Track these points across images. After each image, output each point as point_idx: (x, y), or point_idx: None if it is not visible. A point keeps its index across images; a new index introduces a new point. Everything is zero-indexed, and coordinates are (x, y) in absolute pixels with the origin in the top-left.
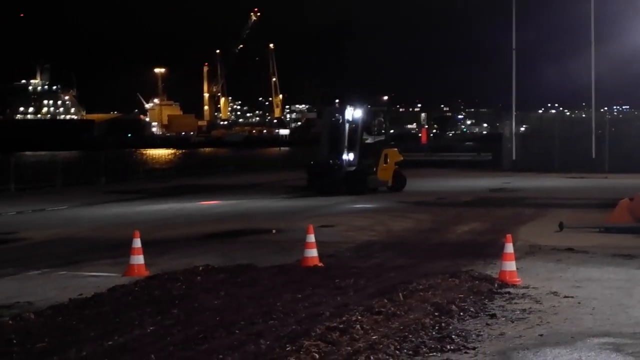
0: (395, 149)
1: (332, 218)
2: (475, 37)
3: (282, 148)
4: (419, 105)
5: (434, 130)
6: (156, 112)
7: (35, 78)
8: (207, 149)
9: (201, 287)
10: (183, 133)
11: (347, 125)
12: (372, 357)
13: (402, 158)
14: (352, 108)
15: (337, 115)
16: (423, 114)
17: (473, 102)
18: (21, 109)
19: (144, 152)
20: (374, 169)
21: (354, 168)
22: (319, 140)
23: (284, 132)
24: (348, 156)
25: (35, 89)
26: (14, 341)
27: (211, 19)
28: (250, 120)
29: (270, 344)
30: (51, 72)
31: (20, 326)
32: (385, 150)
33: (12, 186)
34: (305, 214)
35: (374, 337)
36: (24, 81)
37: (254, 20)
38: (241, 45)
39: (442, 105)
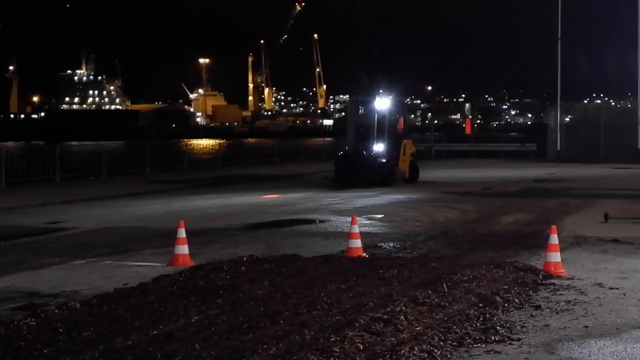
0: (411, 140)
1: (376, 209)
2: (521, 26)
3: (326, 138)
4: (463, 95)
5: (478, 121)
6: (200, 102)
7: (80, 68)
8: (252, 140)
9: (246, 277)
10: (227, 123)
11: (376, 116)
12: (416, 348)
13: (415, 149)
14: (380, 98)
15: (363, 104)
16: (467, 105)
17: (518, 92)
18: (67, 99)
19: (189, 142)
20: (397, 160)
21: (385, 159)
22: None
23: (328, 122)
24: (378, 147)
25: (80, 79)
26: (60, 330)
27: (256, 8)
28: (294, 110)
29: (314, 334)
30: (96, 62)
31: (66, 315)
32: (404, 142)
33: (58, 176)
34: (349, 205)
35: (418, 328)
36: (69, 71)
37: (299, 10)
38: (285, 36)
39: (487, 96)
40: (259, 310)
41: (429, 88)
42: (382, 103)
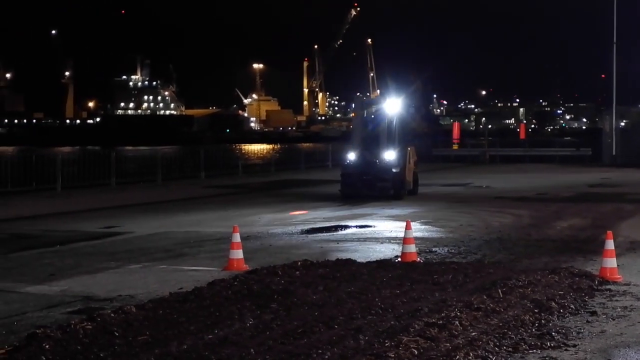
0: (413, 147)
1: (429, 214)
2: (576, 30)
3: None
4: (518, 100)
5: (533, 126)
6: (254, 107)
7: (135, 74)
8: (306, 144)
9: (300, 282)
10: (281, 128)
11: (386, 119)
12: (471, 354)
13: (417, 158)
14: (390, 101)
15: (369, 107)
16: (521, 109)
17: (572, 96)
18: (122, 104)
19: (243, 147)
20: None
21: (397, 169)
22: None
23: None
24: (389, 155)
25: (135, 84)
26: (116, 334)
27: (311, 13)
28: (348, 115)
29: (369, 340)
30: (151, 67)
31: (121, 319)
32: (409, 148)
33: (113, 181)
34: (399, 209)
35: (473, 334)
36: (124, 77)
37: (354, 15)
38: (340, 41)
39: (541, 100)
40: (313, 315)
41: (483, 92)
42: (392, 106)
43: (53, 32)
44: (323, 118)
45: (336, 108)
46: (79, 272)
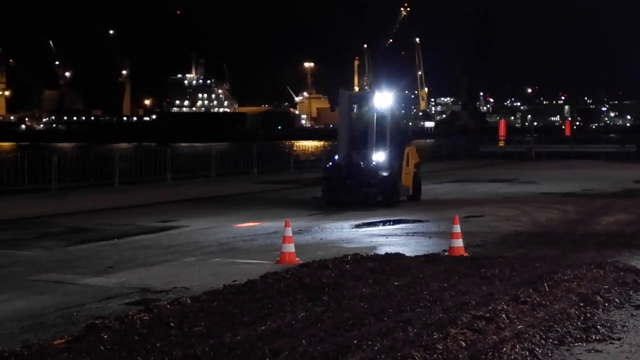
0: (414, 147)
1: (477, 208)
2: (619, 28)
3: (428, 140)
4: (563, 97)
5: (578, 123)
6: (305, 105)
7: (190, 72)
8: None
9: (350, 275)
10: (331, 125)
11: (375, 116)
12: (518, 346)
13: (419, 159)
14: (379, 94)
15: (357, 101)
16: (567, 107)
17: (616, 94)
18: (177, 102)
19: (294, 143)
20: (400, 173)
21: (387, 173)
22: (356, 135)
23: (430, 124)
24: (377, 156)
25: (190, 82)
26: (172, 325)
27: (362, 13)
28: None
29: (418, 332)
30: (205, 66)
31: (177, 310)
32: (407, 148)
33: (169, 176)
34: (452, 204)
35: (520, 327)
36: (179, 75)
37: (404, 15)
38: (391, 40)
39: (586, 98)
40: (363, 308)
41: (529, 90)
42: (383, 100)
43: (110, 32)
44: None
45: None
46: (136, 265)
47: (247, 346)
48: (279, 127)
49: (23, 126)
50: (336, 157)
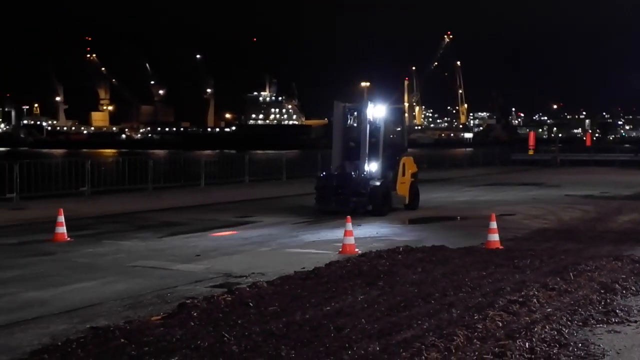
0: (411, 157)
1: (510, 208)
2: (634, 48)
3: (467, 149)
4: (584, 113)
5: (597, 135)
6: None
7: (264, 90)
8: None
9: (402, 264)
10: None
11: (368, 127)
12: (547, 327)
13: (416, 169)
14: (372, 105)
15: (352, 113)
16: (587, 121)
17: (631, 109)
18: (253, 115)
19: None
20: (394, 183)
21: (378, 182)
22: (353, 144)
23: (468, 135)
24: (370, 166)
25: (264, 99)
26: (251, 304)
27: (412, 39)
28: (440, 125)
29: (460, 313)
30: (277, 85)
31: (255, 292)
32: (403, 158)
33: (247, 178)
34: (487, 204)
35: (549, 310)
36: (255, 93)
37: (447, 42)
38: (435, 63)
39: (604, 113)
40: (413, 292)
41: (555, 106)
42: (376, 111)
43: (198, 56)
44: (419, 127)
45: (430, 119)
46: (219, 254)
47: (315, 323)
48: None
49: (123, 136)
50: (332, 167)
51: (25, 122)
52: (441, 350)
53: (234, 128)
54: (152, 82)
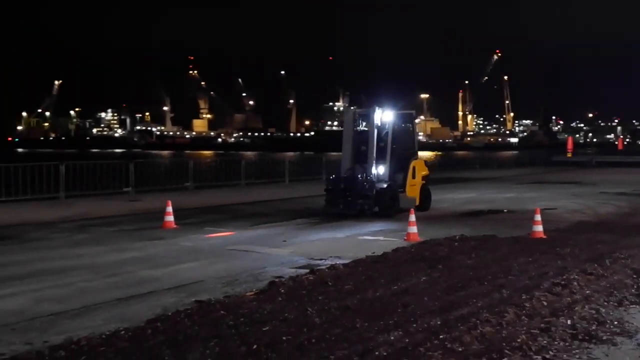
0: (422, 161)
1: (552, 203)
2: None
3: (513, 152)
4: (616, 120)
5: (627, 140)
6: (422, 125)
7: (338, 101)
8: (459, 152)
9: (458, 251)
10: (441, 140)
11: (375, 132)
12: (586, 307)
13: (428, 172)
14: (381, 110)
15: (361, 118)
16: (619, 127)
17: None
18: (329, 122)
19: None
20: (403, 185)
21: (385, 185)
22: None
23: (514, 140)
24: (377, 169)
25: (338, 109)
26: (329, 283)
27: (463, 57)
28: (489, 131)
29: (510, 293)
30: (350, 97)
31: (332, 273)
32: (413, 162)
33: (324, 176)
34: (531, 200)
35: (588, 292)
36: (331, 103)
37: (496, 58)
38: (486, 77)
39: (634, 121)
40: (468, 275)
41: (590, 115)
42: (385, 116)
43: (282, 72)
44: (471, 133)
45: (481, 126)
46: (302, 240)
47: (384, 300)
48: None
49: (219, 140)
50: (343, 170)
51: (138, 127)
52: (494, 325)
53: (312, 133)
54: (244, 94)
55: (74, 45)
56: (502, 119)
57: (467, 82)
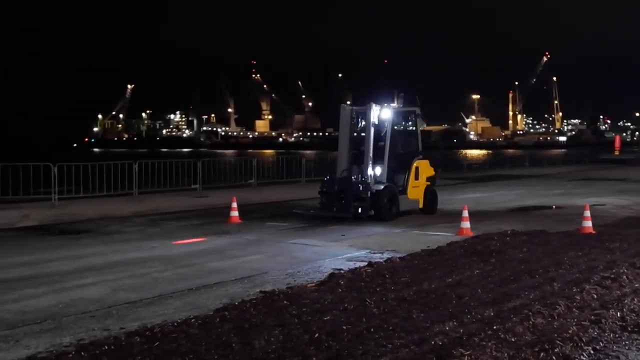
0: (427, 161)
1: (601, 199)
2: None
3: (561, 150)
4: None
5: None
6: (473, 125)
7: (393, 102)
8: (509, 150)
9: (510, 245)
10: (491, 139)
11: (372, 130)
12: (635, 299)
13: (434, 172)
14: (378, 107)
15: (358, 116)
16: None
17: None
18: None
19: (465, 152)
20: (404, 187)
21: (382, 186)
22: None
23: (562, 138)
24: (374, 170)
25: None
26: (387, 275)
27: (514, 59)
28: (538, 130)
29: (560, 286)
30: (404, 98)
31: (389, 266)
32: (416, 162)
33: None
34: (580, 196)
35: (637, 285)
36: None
37: (545, 60)
38: (534, 79)
39: None
40: (520, 268)
41: (637, 114)
42: (383, 114)
43: (339, 75)
44: (520, 132)
45: (530, 125)
46: (359, 234)
47: (439, 292)
48: (454, 141)
49: (280, 139)
50: (339, 171)
51: (204, 128)
52: (545, 316)
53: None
54: (303, 97)
55: (144, 50)
56: (551, 119)
57: (516, 83)
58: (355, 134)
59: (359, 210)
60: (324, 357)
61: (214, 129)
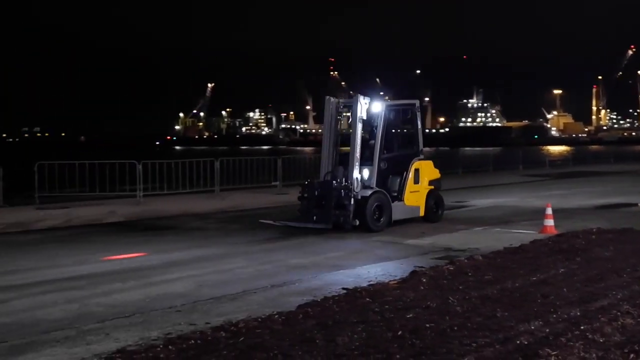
0: (430, 162)
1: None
2: None
3: None
4: None
5: None
6: (555, 120)
7: (472, 98)
8: (593, 146)
9: (595, 243)
10: (573, 135)
11: (359, 126)
12: None
13: (438, 175)
14: (366, 100)
15: (344, 111)
16: None
17: None
18: (462, 119)
19: (546, 148)
20: (400, 192)
21: (370, 192)
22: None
23: None
24: (362, 173)
25: (472, 105)
26: (469, 274)
27: (598, 54)
28: (622, 125)
29: None
30: (483, 94)
31: (471, 264)
32: (415, 163)
33: (460, 170)
34: None
35: None
36: (465, 100)
37: (631, 54)
38: (620, 73)
39: None
40: (606, 267)
41: None
42: (373, 108)
43: (417, 71)
44: (605, 128)
45: (614, 120)
46: (441, 232)
47: (523, 290)
48: (536, 137)
49: None
50: (322, 174)
51: (283, 126)
52: (635, 317)
53: (447, 129)
54: (381, 93)
55: (223, 51)
56: (636, 114)
57: (600, 77)
58: (344, 130)
59: (341, 219)
60: (407, 354)
61: (293, 126)
